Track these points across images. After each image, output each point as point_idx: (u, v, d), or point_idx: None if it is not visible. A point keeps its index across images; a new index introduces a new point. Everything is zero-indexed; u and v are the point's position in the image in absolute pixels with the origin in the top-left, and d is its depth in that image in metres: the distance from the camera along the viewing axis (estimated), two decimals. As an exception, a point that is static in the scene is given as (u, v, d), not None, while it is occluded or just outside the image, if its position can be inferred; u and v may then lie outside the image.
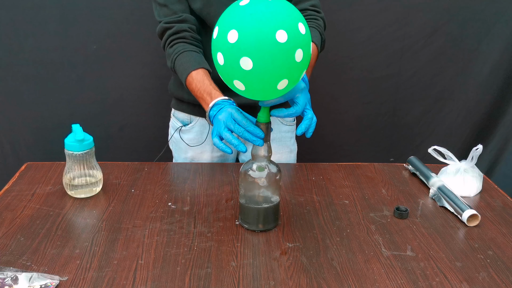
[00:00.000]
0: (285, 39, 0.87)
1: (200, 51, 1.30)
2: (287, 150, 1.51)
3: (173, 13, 1.30)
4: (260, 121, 0.99)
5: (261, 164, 1.03)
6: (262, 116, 1.00)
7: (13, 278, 0.88)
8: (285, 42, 0.87)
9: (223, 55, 0.91)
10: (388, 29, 2.01)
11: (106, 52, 1.97)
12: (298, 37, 0.89)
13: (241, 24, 0.87)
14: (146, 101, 2.06)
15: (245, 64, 0.88)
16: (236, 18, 0.89)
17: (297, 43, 0.89)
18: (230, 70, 0.92)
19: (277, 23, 0.87)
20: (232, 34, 0.87)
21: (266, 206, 1.06)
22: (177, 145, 1.50)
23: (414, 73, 2.08)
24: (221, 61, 0.92)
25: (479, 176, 1.28)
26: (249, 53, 0.87)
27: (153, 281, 0.90)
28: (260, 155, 1.03)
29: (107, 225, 1.08)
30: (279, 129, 1.48)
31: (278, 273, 0.94)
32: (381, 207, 1.19)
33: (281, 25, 0.87)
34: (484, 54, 2.07)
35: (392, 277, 0.93)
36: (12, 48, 1.94)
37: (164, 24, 1.30)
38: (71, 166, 1.17)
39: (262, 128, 0.99)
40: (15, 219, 1.09)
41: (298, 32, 0.89)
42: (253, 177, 1.03)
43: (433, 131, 2.20)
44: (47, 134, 2.05)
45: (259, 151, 1.02)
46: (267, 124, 1.00)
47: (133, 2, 1.90)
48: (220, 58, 0.92)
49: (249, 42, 0.87)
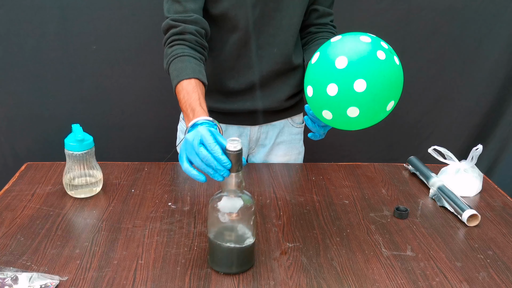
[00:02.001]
0: (385, 56, 0.92)
1: (202, 59, 1.21)
2: (295, 152, 1.51)
3: (184, 11, 1.20)
4: (230, 150, 0.86)
5: (232, 196, 0.89)
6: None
7: (13, 278, 0.88)
8: (385, 59, 0.92)
9: (336, 84, 0.91)
10: (388, 29, 2.01)
11: (106, 52, 1.97)
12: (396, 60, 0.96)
13: (350, 51, 0.91)
14: (146, 101, 2.05)
15: (359, 86, 0.90)
16: (340, 47, 0.93)
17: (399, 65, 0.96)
18: (319, 99, 0.96)
19: (378, 45, 0.93)
20: (341, 60, 0.91)
21: (239, 247, 0.91)
22: None
23: (414, 74, 2.08)
24: (310, 93, 0.97)
25: (479, 176, 1.28)
26: (363, 75, 0.90)
27: (153, 281, 0.90)
28: (231, 187, 0.88)
29: (107, 225, 1.08)
30: (290, 131, 1.47)
31: (278, 273, 0.94)
32: (381, 207, 1.19)
33: (377, 47, 0.93)
34: (484, 54, 2.07)
35: (392, 277, 0.93)
36: (12, 48, 1.94)
37: (171, 21, 1.20)
38: (71, 166, 1.17)
39: (231, 157, 0.85)
40: (15, 219, 1.09)
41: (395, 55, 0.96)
42: (222, 211, 0.89)
43: (433, 131, 2.19)
44: (47, 134, 2.05)
45: (230, 181, 0.87)
46: (239, 152, 0.86)
47: (133, 2, 1.90)
48: (310, 90, 0.97)
49: (362, 64, 0.90)
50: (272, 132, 1.45)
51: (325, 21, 1.39)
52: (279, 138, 1.47)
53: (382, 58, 0.91)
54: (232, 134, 1.43)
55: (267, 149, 1.47)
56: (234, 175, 0.87)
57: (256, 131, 1.44)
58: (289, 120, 1.47)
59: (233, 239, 0.91)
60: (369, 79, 0.89)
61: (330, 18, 1.41)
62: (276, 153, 1.48)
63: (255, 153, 1.48)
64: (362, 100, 0.91)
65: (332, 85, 0.92)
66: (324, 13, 1.37)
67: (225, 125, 1.42)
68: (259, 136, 1.45)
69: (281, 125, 1.46)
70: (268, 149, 1.47)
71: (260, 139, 1.46)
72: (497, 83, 2.11)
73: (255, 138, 1.45)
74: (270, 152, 1.48)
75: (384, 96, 0.93)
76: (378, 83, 0.90)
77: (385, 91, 0.92)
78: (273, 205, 1.19)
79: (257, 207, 1.17)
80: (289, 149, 1.49)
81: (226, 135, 1.43)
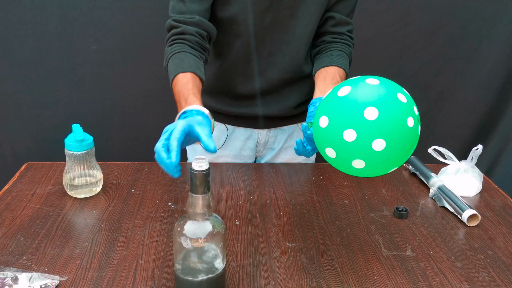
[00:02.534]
0: (413, 124, 0.87)
1: (202, 57, 1.19)
2: (302, 158, 1.49)
3: (187, 11, 1.18)
4: (195, 170, 0.77)
5: (199, 220, 0.80)
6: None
7: (13, 278, 0.88)
8: (412, 126, 0.87)
9: (356, 133, 0.84)
10: (388, 29, 2.01)
11: (106, 52, 1.97)
12: (415, 118, 0.89)
13: (383, 105, 0.84)
14: (146, 101, 2.06)
15: (378, 145, 0.85)
16: (374, 94, 0.85)
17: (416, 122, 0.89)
18: (334, 137, 0.88)
19: (411, 110, 0.87)
20: (371, 111, 0.83)
21: (207, 277, 0.81)
22: (193, 148, 1.45)
23: (414, 73, 2.08)
24: (324, 125, 0.89)
25: (479, 176, 1.28)
26: (388, 137, 0.84)
27: (153, 281, 0.90)
28: (196, 210, 0.79)
29: (107, 225, 1.08)
30: (299, 137, 1.44)
31: (278, 273, 0.94)
32: (381, 207, 1.19)
33: (410, 112, 0.87)
34: (484, 54, 2.07)
35: (392, 277, 0.93)
36: (12, 48, 1.94)
37: (172, 21, 1.19)
38: (71, 166, 1.17)
39: (196, 177, 0.77)
40: (15, 219, 1.09)
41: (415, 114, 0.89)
42: (188, 236, 0.79)
43: (433, 131, 2.20)
44: (47, 134, 2.05)
45: (196, 203, 0.78)
46: (205, 173, 0.77)
47: (133, 2, 1.91)
48: (324, 122, 0.89)
49: (391, 126, 0.84)
50: (281, 136, 1.44)
51: (342, 30, 1.30)
52: (288, 143, 1.46)
53: (410, 125, 0.86)
54: (240, 136, 1.42)
55: (274, 153, 1.47)
56: (200, 197, 0.78)
57: (265, 135, 1.43)
58: (299, 126, 1.46)
59: (201, 268, 0.81)
60: (391, 143, 0.85)
61: (348, 28, 1.31)
62: (283, 157, 1.47)
63: (263, 155, 1.48)
64: (373, 159, 0.87)
65: (351, 132, 0.85)
66: (341, 21, 1.29)
67: (233, 127, 1.41)
68: (268, 139, 1.44)
69: (291, 130, 1.45)
70: (275, 153, 1.46)
71: (269, 142, 1.45)
72: (497, 83, 2.11)
73: (263, 141, 1.44)
74: (277, 155, 1.47)
75: (395, 162, 0.89)
76: (397, 150, 0.86)
77: (398, 158, 0.89)
78: (273, 205, 1.19)
79: (256, 208, 1.17)
80: (296, 156, 1.48)
81: (234, 137, 1.43)
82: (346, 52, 1.30)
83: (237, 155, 1.45)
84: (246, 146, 1.44)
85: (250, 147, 1.44)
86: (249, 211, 1.16)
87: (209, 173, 0.77)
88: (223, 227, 0.82)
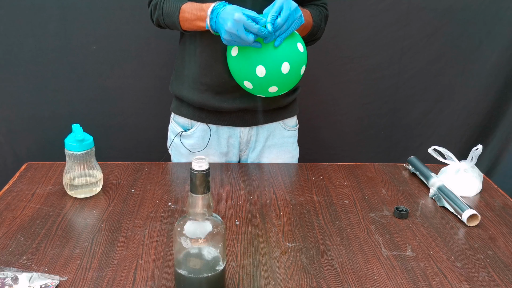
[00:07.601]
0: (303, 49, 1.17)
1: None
2: (289, 155, 1.50)
3: None
4: (195, 170, 0.78)
5: (199, 220, 0.81)
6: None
7: (13, 278, 0.88)
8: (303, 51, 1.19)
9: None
10: (388, 29, 2.01)
11: (106, 52, 1.97)
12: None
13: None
14: (146, 101, 2.05)
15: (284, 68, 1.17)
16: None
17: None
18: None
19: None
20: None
21: (207, 277, 0.82)
22: (177, 150, 1.46)
23: (414, 74, 2.08)
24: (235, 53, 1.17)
25: (479, 176, 1.28)
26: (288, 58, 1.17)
27: (153, 281, 0.90)
28: (196, 210, 0.80)
29: (107, 225, 1.08)
30: (281, 134, 1.47)
31: (278, 273, 0.94)
32: (381, 207, 1.19)
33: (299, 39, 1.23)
34: (484, 54, 2.07)
35: (392, 277, 0.93)
36: (12, 48, 1.94)
37: None
38: (71, 166, 1.17)
39: (197, 177, 0.77)
40: (15, 219, 1.09)
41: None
42: (188, 236, 0.80)
43: (433, 131, 2.19)
44: (47, 134, 2.05)
45: (196, 204, 0.79)
46: (205, 173, 0.78)
47: (133, 2, 1.90)
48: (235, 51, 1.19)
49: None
50: (262, 135, 1.45)
51: (316, 3, 1.39)
52: (270, 141, 1.46)
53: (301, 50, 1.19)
54: (222, 135, 1.43)
55: (257, 152, 1.46)
56: (200, 197, 0.78)
57: (246, 133, 1.43)
58: (281, 123, 1.46)
59: (201, 267, 0.82)
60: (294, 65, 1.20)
61: (323, 0, 1.41)
62: (267, 155, 1.47)
63: (246, 155, 1.48)
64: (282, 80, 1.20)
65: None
66: None
67: (215, 126, 1.41)
68: (249, 138, 1.45)
69: (272, 128, 1.45)
70: (259, 152, 1.46)
71: (251, 141, 1.45)
72: (497, 83, 2.11)
73: (245, 140, 1.45)
74: (261, 154, 1.47)
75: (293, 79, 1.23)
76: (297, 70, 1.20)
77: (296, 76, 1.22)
78: (273, 205, 1.19)
79: (256, 208, 1.17)
80: (281, 152, 1.48)
81: (217, 136, 1.43)
82: (320, 11, 1.38)
83: (222, 153, 1.45)
84: (230, 144, 1.44)
85: (234, 145, 1.45)
86: (249, 211, 1.16)
87: (209, 173, 0.78)
88: (223, 227, 0.82)
